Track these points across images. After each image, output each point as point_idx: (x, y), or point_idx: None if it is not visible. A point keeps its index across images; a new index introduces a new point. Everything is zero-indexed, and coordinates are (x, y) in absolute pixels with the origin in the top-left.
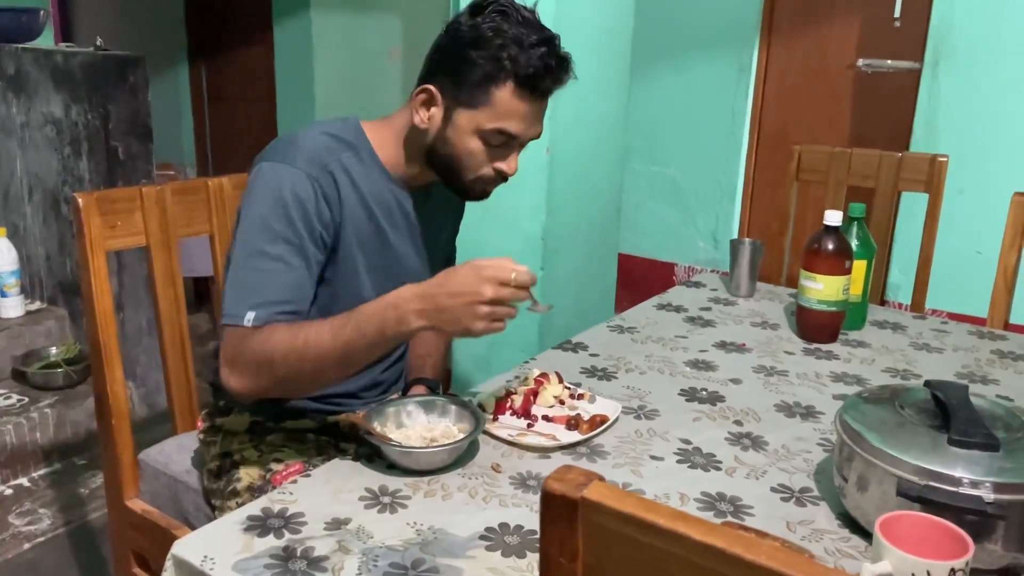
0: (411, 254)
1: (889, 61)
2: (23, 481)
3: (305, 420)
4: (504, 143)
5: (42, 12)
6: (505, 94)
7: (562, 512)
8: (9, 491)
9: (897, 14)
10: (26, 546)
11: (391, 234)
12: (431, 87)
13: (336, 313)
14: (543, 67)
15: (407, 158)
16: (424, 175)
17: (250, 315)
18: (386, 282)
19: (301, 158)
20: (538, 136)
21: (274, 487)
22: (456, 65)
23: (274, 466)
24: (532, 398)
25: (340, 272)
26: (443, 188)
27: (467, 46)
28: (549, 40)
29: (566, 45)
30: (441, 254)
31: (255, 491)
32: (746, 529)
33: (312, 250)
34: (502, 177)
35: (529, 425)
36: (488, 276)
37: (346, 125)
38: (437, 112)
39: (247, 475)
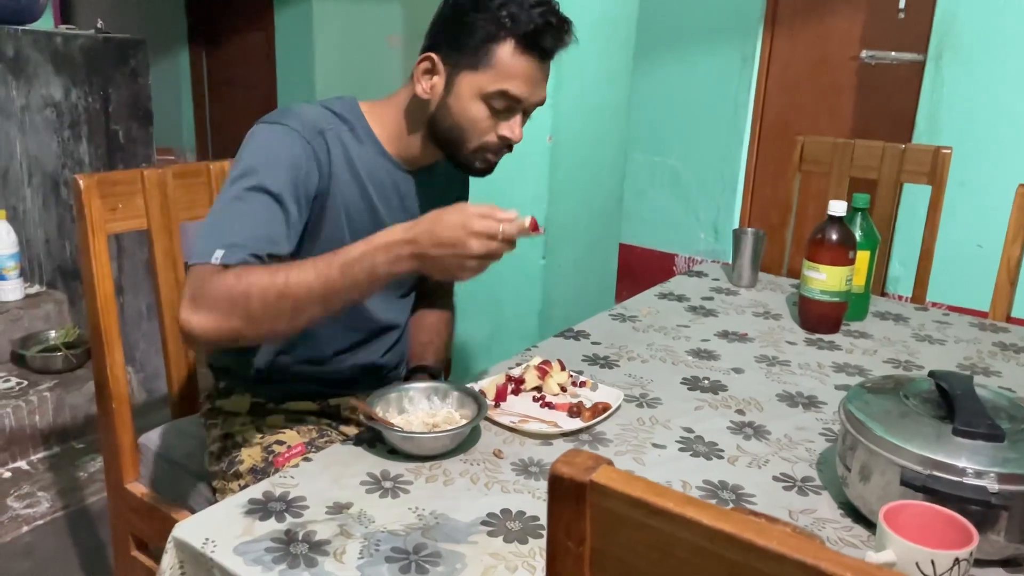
0: None
1: (893, 53)
2: (22, 464)
3: (306, 402)
4: (508, 108)
5: None
6: (506, 52)
7: (570, 495)
8: (8, 474)
9: (901, 6)
10: (25, 529)
11: (385, 214)
12: (432, 55)
13: None
14: (544, 24)
15: (408, 135)
16: (425, 155)
17: (219, 253)
18: None
19: (297, 121)
20: (542, 102)
21: (276, 469)
22: (457, 30)
23: (276, 448)
24: (541, 377)
25: (324, 246)
26: (445, 172)
27: (467, 10)
28: (548, 0)
29: None
30: None
31: (257, 472)
32: (756, 515)
33: (293, 208)
34: (507, 146)
35: (537, 399)
36: (476, 231)
37: (343, 103)
38: (439, 80)
39: (249, 457)
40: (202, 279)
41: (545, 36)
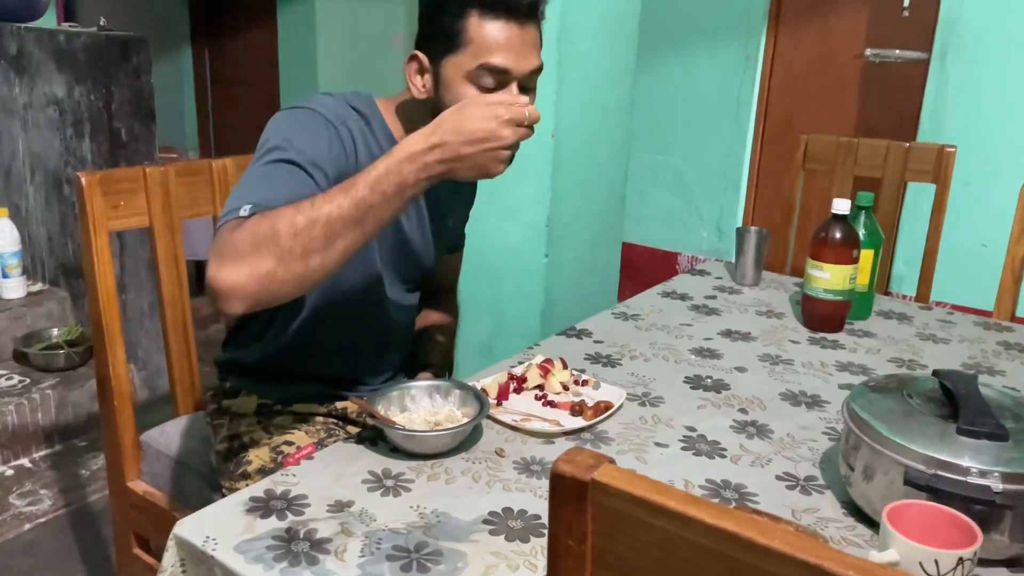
0: (416, 236)
1: (897, 51)
2: (24, 462)
3: (313, 404)
4: (498, 83)
5: None
6: (474, 24)
7: (572, 494)
8: (10, 472)
9: (906, 3)
10: (27, 527)
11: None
12: (417, 52)
13: (337, 282)
14: None
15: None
16: None
17: (247, 207)
18: (385, 259)
19: (321, 107)
20: (537, 70)
21: (287, 469)
22: (429, 20)
23: (285, 448)
24: (543, 375)
25: None
26: None
27: (434, 1)
28: None
29: (573, 32)
30: (448, 238)
31: (266, 473)
32: (759, 513)
33: (322, 179)
34: None
35: (539, 398)
36: (506, 119)
37: (360, 97)
38: (429, 76)
39: (257, 457)
40: (228, 234)
41: None
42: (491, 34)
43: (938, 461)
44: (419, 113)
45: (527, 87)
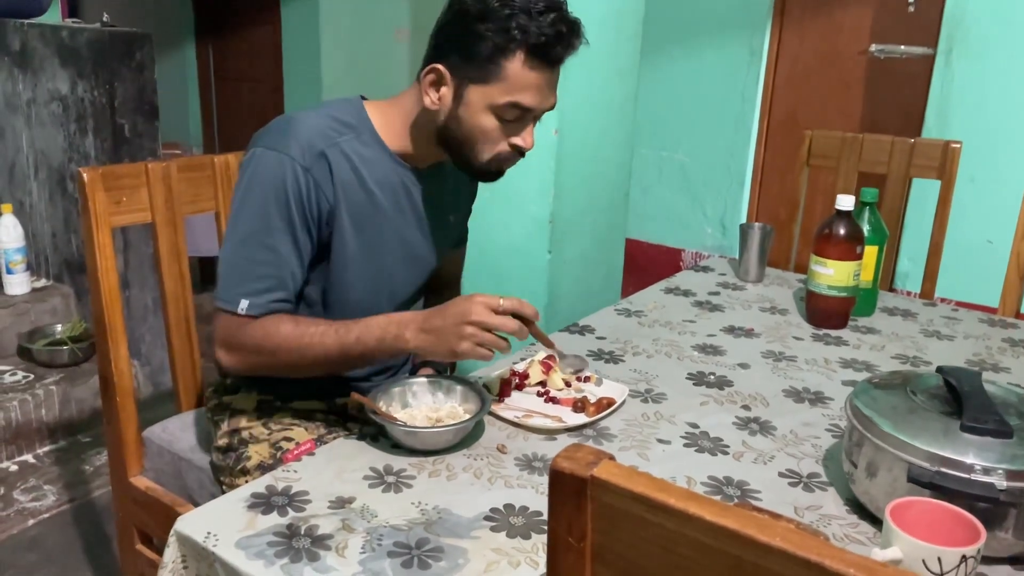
0: (417, 236)
1: (902, 47)
2: (28, 458)
3: (313, 401)
4: (519, 117)
5: None
6: (516, 65)
7: (571, 491)
8: (14, 467)
9: None
10: (30, 522)
11: (395, 216)
12: (439, 66)
13: (330, 296)
14: (554, 34)
15: (415, 140)
16: (434, 155)
17: (244, 303)
18: (389, 264)
19: (296, 145)
20: (553, 107)
21: (286, 465)
22: (464, 41)
23: (284, 444)
24: (545, 372)
25: (334, 253)
26: (454, 170)
27: (474, 20)
28: (558, 6)
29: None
30: (451, 235)
31: (266, 469)
32: (759, 510)
33: (304, 239)
34: (519, 153)
35: (542, 394)
36: (478, 300)
37: (349, 105)
38: (447, 92)
39: (257, 453)
40: (232, 329)
41: (556, 46)
42: (528, 77)
43: (942, 458)
44: (423, 120)
45: (536, 118)
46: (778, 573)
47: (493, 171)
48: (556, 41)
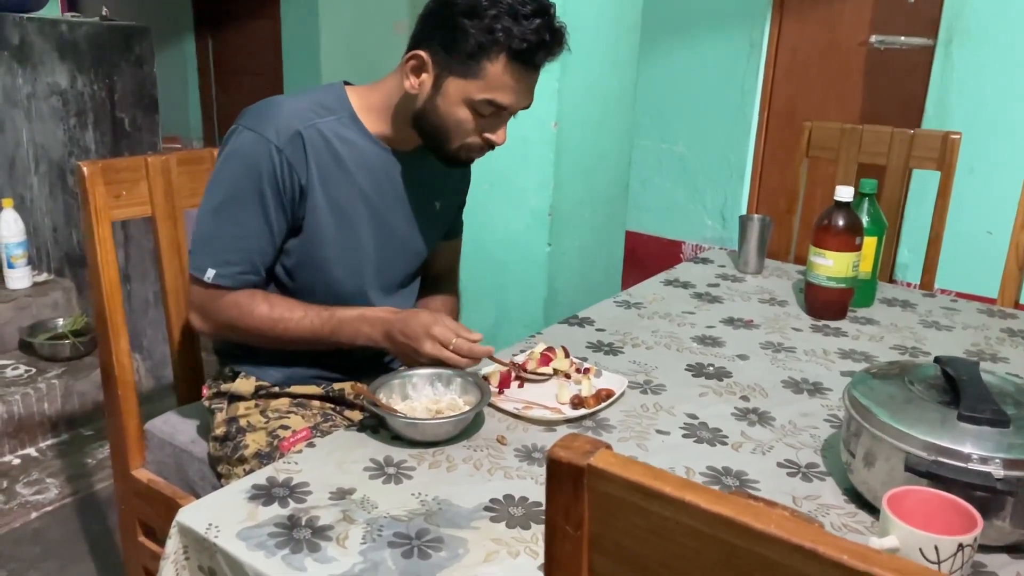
0: (399, 218)
1: (902, 38)
2: (30, 451)
3: (311, 386)
4: (494, 113)
5: None
6: (498, 67)
7: (568, 480)
8: (17, 461)
9: None
10: (33, 515)
11: (374, 197)
12: (422, 53)
13: (305, 271)
14: (537, 41)
15: (396, 123)
16: (415, 138)
17: (211, 272)
18: (367, 243)
19: (272, 127)
20: (528, 107)
21: (282, 454)
22: (448, 33)
23: (281, 432)
24: (546, 364)
25: (308, 230)
26: None
27: (460, 14)
28: (544, 10)
29: (576, 18)
30: (437, 221)
31: (263, 457)
32: (755, 499)
33: (277, 217)
34: (489, 146)
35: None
36: (433, 334)
37: (329, 89)
38: (427, 79)
39: (254, 442)
40: (204, 298)
41: (538, 53)
42: (507, 79)
43: (939, 447)
44: (403, 103)
45: (513, 114)
46: (773, 560)
47: (462, 159)
48: (539, 48)
